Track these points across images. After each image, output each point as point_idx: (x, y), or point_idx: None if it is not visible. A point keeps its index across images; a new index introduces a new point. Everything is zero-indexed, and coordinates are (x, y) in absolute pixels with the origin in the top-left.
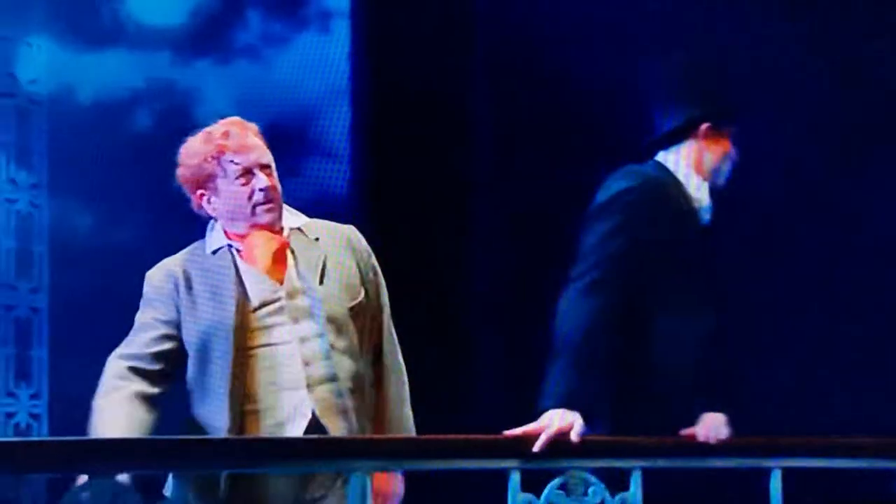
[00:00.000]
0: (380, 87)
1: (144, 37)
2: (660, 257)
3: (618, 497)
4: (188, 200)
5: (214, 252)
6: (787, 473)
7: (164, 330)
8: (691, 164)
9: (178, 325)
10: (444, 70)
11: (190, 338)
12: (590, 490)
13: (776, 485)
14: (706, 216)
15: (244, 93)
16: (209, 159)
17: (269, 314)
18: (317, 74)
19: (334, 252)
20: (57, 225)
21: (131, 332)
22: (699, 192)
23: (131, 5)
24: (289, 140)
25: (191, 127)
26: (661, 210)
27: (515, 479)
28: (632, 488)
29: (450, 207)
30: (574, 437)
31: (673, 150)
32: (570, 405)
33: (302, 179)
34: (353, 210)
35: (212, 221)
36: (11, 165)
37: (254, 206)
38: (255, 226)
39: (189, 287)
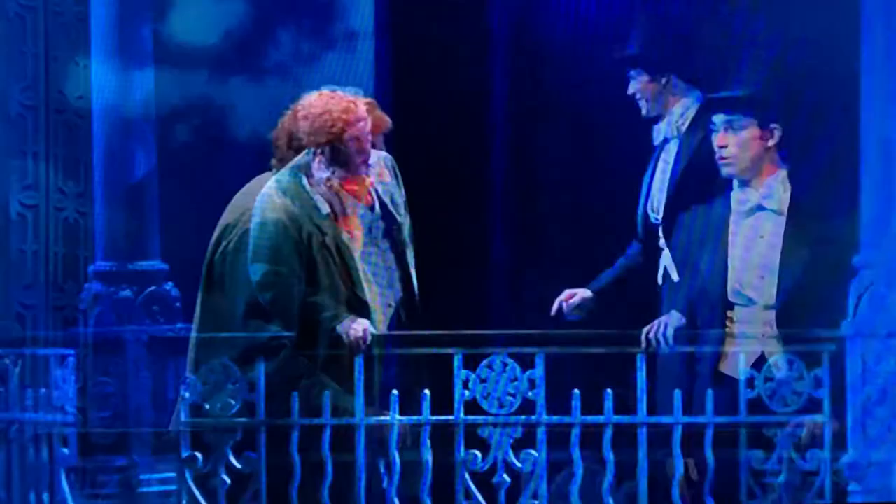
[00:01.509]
0: (402, 103)
1: (183, 56)
2: None
3: (527, 373)
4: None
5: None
6: None
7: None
8: None
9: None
10: (464, 87)
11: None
12: (507, 368)
13: (641, 373)
14: None
15: (276, 108)
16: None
17: None
18: None
19: None
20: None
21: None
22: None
23: (171, 27)
24: None
25: (226, 141)
26: None
27: (458, 360)
28: (537, 368)
29: (471, 219)
30: None
31: None
32: None
33: None
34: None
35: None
36: (60, 176)
37: None
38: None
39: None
